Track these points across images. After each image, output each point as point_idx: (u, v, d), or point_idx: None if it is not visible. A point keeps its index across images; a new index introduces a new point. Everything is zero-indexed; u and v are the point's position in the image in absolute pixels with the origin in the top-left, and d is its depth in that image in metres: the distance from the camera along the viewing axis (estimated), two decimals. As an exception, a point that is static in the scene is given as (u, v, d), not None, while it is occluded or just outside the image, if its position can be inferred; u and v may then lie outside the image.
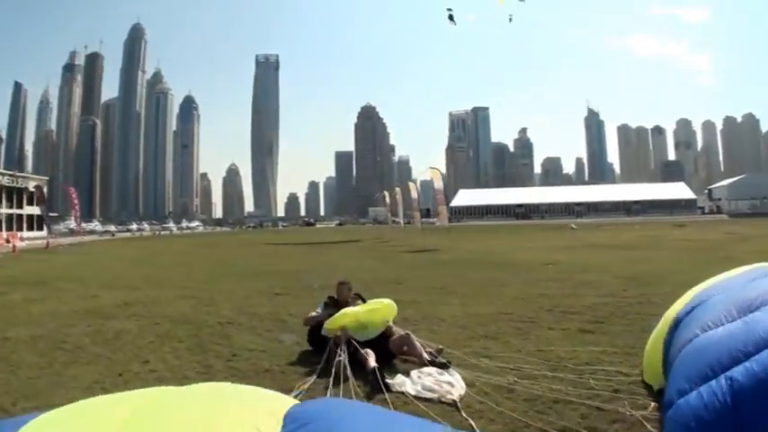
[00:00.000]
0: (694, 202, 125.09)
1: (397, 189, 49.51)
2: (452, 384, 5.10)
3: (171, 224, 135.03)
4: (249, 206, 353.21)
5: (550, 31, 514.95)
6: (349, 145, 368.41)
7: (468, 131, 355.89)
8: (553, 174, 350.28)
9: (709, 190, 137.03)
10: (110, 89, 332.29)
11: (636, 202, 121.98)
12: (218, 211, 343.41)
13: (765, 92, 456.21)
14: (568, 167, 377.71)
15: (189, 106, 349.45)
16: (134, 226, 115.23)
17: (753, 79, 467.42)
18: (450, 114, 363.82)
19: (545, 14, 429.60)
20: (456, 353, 6.36)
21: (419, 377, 5.33)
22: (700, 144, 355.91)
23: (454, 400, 4.82)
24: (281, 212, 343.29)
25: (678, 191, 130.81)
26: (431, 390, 5.01)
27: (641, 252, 22.01)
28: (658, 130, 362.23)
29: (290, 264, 21.14)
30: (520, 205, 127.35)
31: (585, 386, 5.19)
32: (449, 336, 7.46)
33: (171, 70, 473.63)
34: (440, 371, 5.47)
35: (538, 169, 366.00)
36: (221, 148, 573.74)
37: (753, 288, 3.92)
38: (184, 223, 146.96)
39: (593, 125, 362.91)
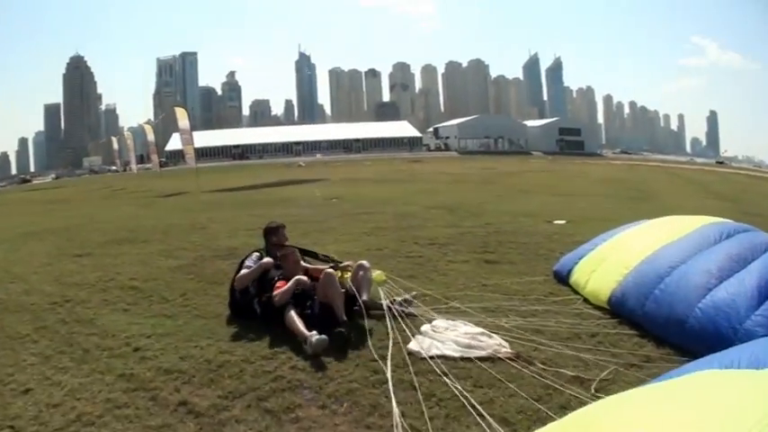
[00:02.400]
0: (419, 139, 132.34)
1: (127, 133, 46.28)
2: (489, 336, 4.41)
3: None
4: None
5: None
6: (57, 97, 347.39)
7: (175, 76, 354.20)
8: (261, 115, 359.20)
9: (436, 128, 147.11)
10: None
11: (357, 140, 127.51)
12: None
13: (493, 40, 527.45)
14: (277, 109, 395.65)
15: None
16: None
17: (480, 28, 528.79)
18: (158, 60, 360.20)
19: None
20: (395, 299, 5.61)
21: (436, 332, 4.52)
22: (418, 87, 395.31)
23: (516, 353, 4.18)
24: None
25: (401, 129, 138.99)
26: (471, 347, 4.23)
27: (418, 185, 23.39)
28: (373, 73, 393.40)
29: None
30: (236, 146, 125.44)
31: (593, 316, 5.24)
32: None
33: None
34: (453, 324, 4.74)
35: (246, 111, 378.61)
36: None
37: (731, 247, 5.01)
38: None
39: (305, 68, 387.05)
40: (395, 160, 65.35)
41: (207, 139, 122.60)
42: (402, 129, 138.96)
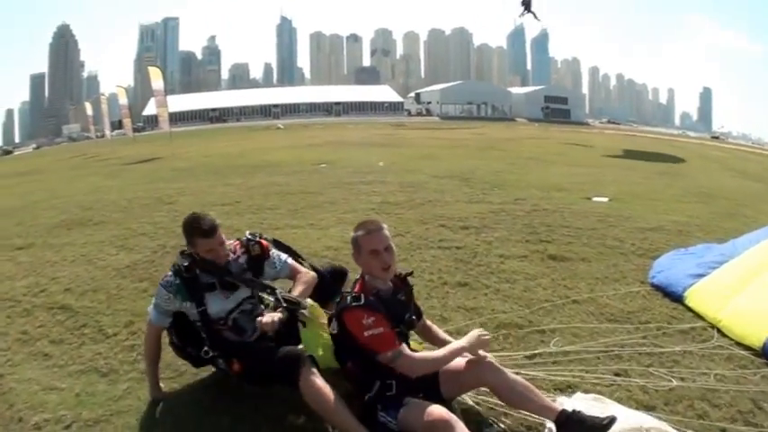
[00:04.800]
0: (401, 104, 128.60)
1: (102, 98, 44.97)
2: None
3: None
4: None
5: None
6: (44, 67, 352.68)
7: (157, 41, 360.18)
8: (240, 79, 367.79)
9: (417, 94, 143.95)
10: None
11: (337, 104, 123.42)
12: None
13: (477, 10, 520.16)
14: (256, 73, 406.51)
15: None
16: None
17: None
18: (141, 26, 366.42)
19: None
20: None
21: None
22: (399, 53, 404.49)
23: None
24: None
25: (383, 93, 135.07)
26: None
27: (412, 150, 21.16)
28: (354, 38, 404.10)
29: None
30: (214, 109, 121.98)
31: (750, 363, 3.55)
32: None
33: None
34: (595, 406, 2.84)
35: (225, 75, 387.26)
36: None
37: None
38: None
39: (286, 32, 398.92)
40: (377, 124, 62.84)
41: (184, 102, 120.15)
42: (383, 93, 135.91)
